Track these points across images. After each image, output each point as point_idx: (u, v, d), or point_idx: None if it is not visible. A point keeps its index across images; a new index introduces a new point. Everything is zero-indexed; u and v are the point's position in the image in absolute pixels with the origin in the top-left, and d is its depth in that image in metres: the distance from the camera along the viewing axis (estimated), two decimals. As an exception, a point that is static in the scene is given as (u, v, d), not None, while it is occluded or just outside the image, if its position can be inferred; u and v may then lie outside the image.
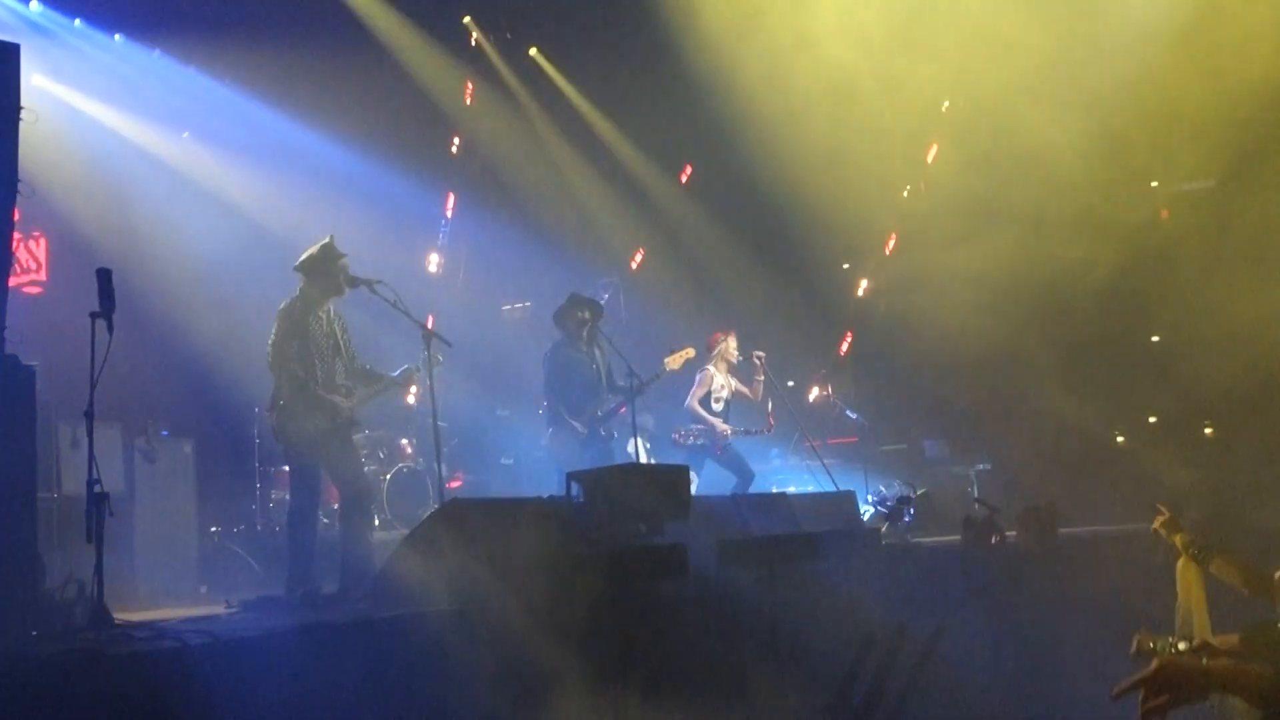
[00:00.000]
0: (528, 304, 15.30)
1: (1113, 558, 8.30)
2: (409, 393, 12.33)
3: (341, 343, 7.50)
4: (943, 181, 15.12)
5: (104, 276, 5.68)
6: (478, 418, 12.93)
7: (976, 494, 11.60)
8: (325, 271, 7.39)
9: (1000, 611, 7.75)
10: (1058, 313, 14.01)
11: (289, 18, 12.64)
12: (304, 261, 7.44)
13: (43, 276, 11.19)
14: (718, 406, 10.54)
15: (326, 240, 7.51)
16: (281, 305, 7.40)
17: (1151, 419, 14.15)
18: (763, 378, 10.52)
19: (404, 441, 11.44)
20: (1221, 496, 9.11)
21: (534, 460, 12.74)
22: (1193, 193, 14.59)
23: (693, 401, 10.51)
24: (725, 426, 10.46)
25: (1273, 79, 12.60)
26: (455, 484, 11.72)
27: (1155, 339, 14.35)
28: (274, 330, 7.34)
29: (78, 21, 12.02)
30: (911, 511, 10.01)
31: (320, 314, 7.39)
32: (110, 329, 5.59)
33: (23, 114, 5.76)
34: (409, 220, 14.65)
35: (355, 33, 13.20)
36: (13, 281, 6.32)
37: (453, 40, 14.41)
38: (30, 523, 5.44)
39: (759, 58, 13.46)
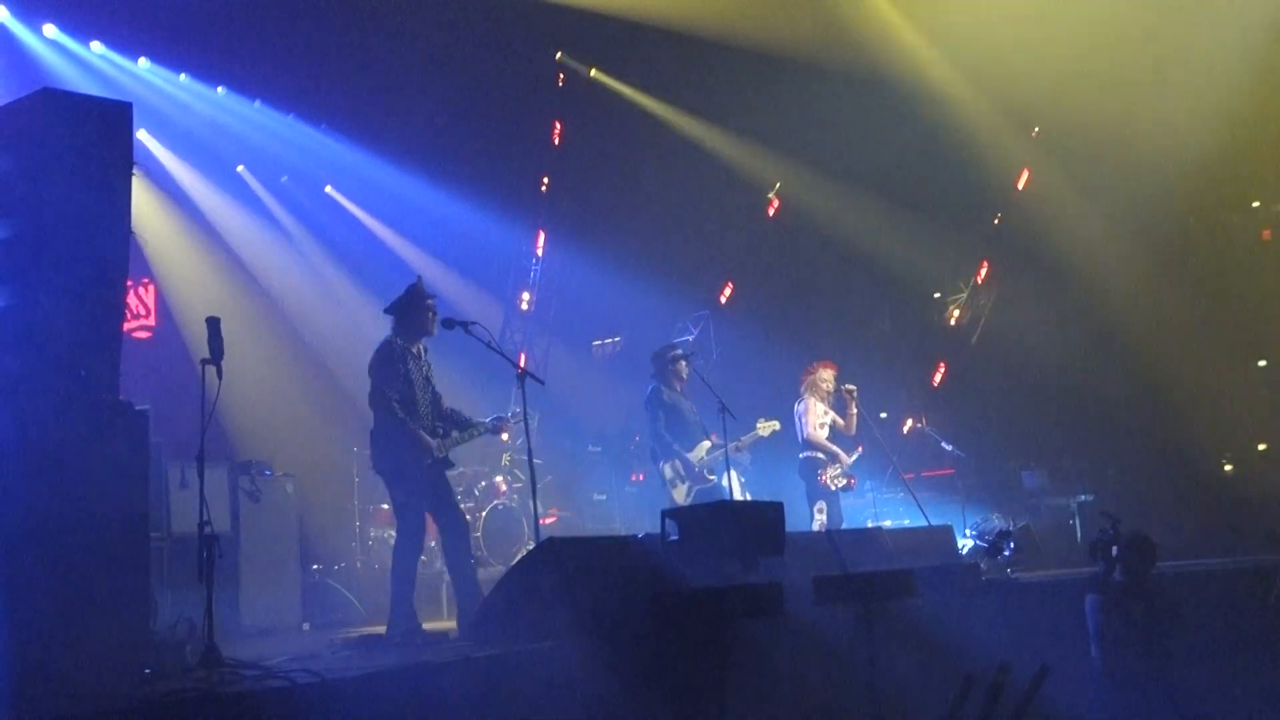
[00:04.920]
0: (618, 339, 15.41)
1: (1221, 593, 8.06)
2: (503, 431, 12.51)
3: (431, 383, 7.66)
4: (1035, 207, 14.90)
5: (213, 324, 5.89)
6: (570, 454, 13.07)
7: (1079, 527, 11.37)
8: (414, 313, 7.59)
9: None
10: (1159, 338, 13.66)
11: (381, 63, 12.98)
12: (394, 304, 7.66)
13: (152, 322, 11.59)
14: (822, 433, 10.27)
15: (415, 282, 7.72)
16: (376, 345, 7.59)
17: (1261, 446, 13.71)
18: (856, 411, 10.34)
19: (499, 479, 11.57)
20: None
21: (626, 496, 12.82)
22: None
23: (815, 431, 10.18)
24: (845, 457, 10.22)
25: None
26: (549, 520, 11.81)
27: (1262, 364, 13.94)
28: (370, 369, 7.52)
29: (183, 76, 12.51)
30: (1011, 545, 9.75)
31: (412, 352, 7.55)
32: (220, 374, 5.79)
33: (134, 169, 5.96)
34: (501, 259, 14.93)
35: (446, 76, 13.46)
36: (124, 327, 6.52)
37: (541, 78, 14.59)
38: (144, 564, 5.59)
39: (847, 87, 13.43)
